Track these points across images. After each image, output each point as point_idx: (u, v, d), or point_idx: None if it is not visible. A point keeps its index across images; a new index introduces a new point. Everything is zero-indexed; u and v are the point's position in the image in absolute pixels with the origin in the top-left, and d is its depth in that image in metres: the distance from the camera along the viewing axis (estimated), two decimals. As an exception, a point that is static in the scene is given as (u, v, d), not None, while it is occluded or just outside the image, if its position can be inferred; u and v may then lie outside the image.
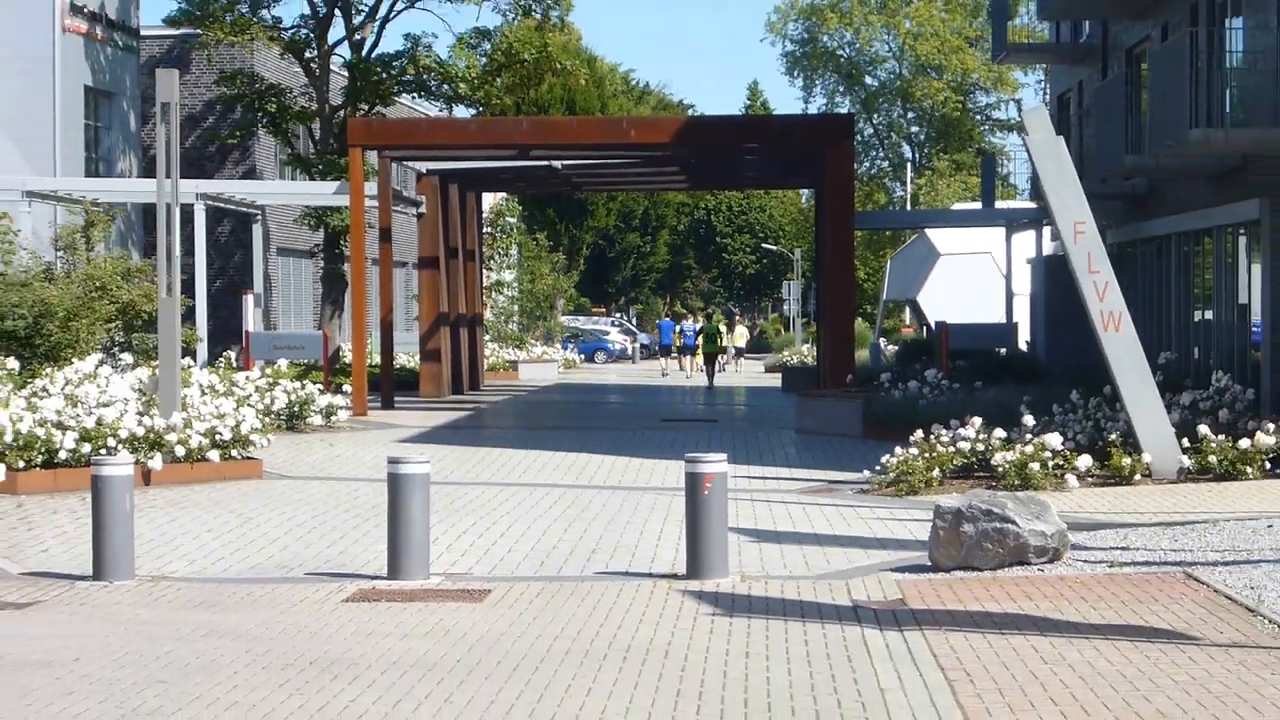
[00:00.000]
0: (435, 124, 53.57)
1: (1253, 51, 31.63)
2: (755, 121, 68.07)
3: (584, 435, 34.51)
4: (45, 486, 22.42)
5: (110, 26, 49.56)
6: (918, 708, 11.02)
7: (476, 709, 11.11)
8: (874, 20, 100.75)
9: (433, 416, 39.06)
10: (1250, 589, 14.76)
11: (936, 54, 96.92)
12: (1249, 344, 31.89)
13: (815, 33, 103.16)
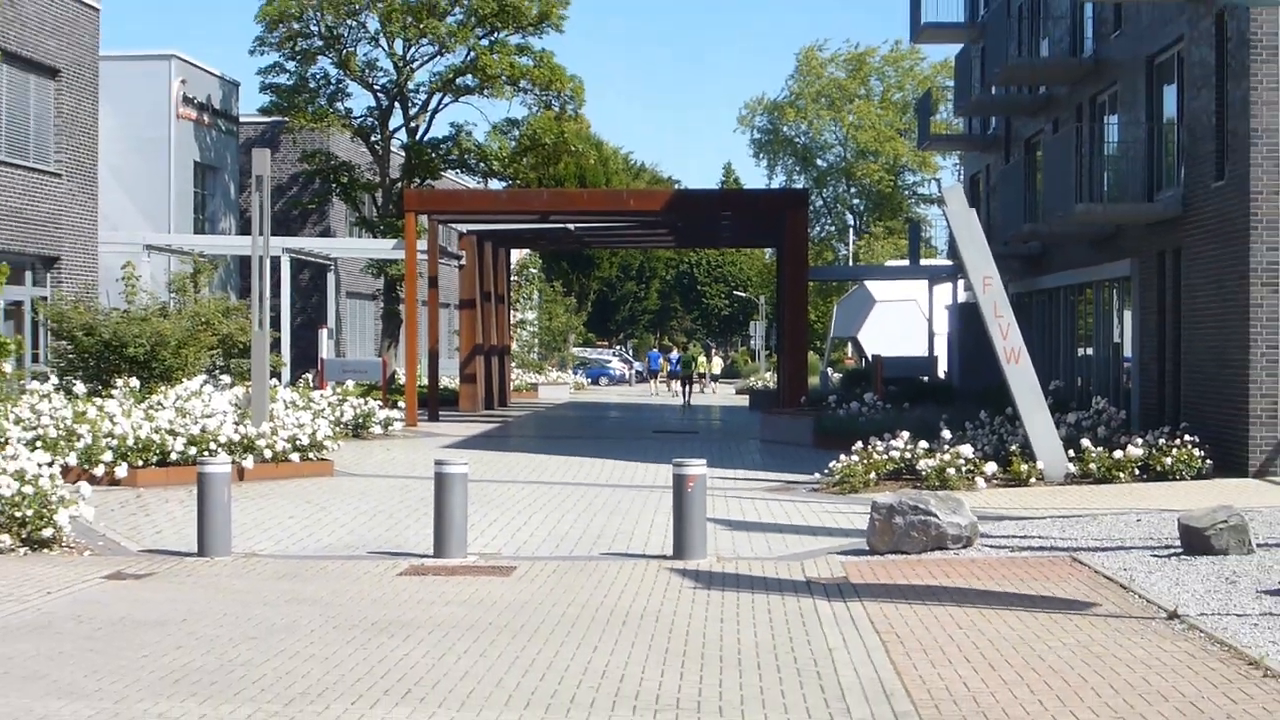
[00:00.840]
0: (474, 194, 53.68)
1: (1125, 142, 31.75)
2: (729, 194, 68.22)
3: (591, 443, 34.51)
4: (159, 481, 22.48)
5: (215, 114, 49.80)
6: (859, 663, 11.12)
7: (506, 660, 11.18)
8: (824, 115, 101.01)
9: (470, 428, 39.10)
10: (1123, 570, 14.83)
11: (873, 142, 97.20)
12: (1122, 375, 31.98)
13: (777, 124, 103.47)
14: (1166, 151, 29.45)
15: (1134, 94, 30.97)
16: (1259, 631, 11.77)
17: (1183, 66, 27.91)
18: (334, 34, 53.44)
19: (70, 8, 35.64)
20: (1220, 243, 25.23)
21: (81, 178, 36.12)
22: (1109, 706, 9.76)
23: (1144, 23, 30.00)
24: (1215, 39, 25.84)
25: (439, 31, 53.29)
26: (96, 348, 28.96)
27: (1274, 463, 23.65)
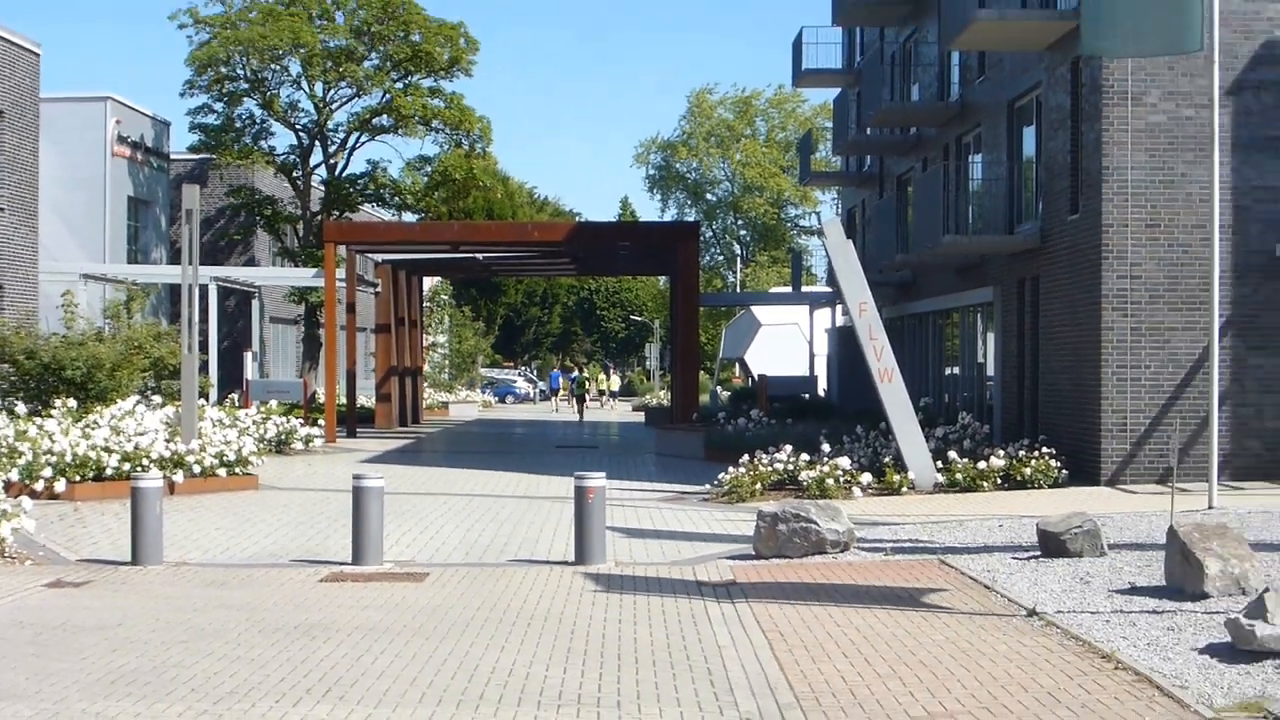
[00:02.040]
0: (389, 226, 53.48)
1: (988, 179, 32.11)
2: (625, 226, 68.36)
3: (498, 458, 34.47)
4: (95, 495, 22.23)
5: (148, 152, 49.42)
6: (745, 659, 11.18)
7: (420, 660, 11.16)
8: (713, 153, 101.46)
9: (386, 444, 38.91)
10: (987, 571, 14.96)
11: (759, 178, 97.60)
12: (985, 392, 32.30)
13: (670, 161, 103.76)
14: (1026, 188, 29.82)
15: (996, 135, 31.35)
16: (1110, 628, 11.92)
17: (1041, 110, 28.28)
18: (259, 77, 53.15)
19: (11, 52, 35.35)
20: (1074, 271, 25.56)
21: (23, 211, 35.81)
22: (974, 697, 9.87)
23: (1005, 70, 30.39)
24: (1070, 85, 26.21)
25: (357, 75, 53.16)
26: (37, 370, 28.73)
27: (1124, 472, 23.96)
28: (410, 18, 52.89)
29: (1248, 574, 12.95)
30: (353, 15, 53.14)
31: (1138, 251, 24.03)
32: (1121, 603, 12.97)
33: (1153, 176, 24.04)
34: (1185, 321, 23.90)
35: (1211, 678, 10.16)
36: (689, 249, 41.57)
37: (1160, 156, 24.03)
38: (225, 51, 51.67)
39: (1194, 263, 23.65)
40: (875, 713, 9.49)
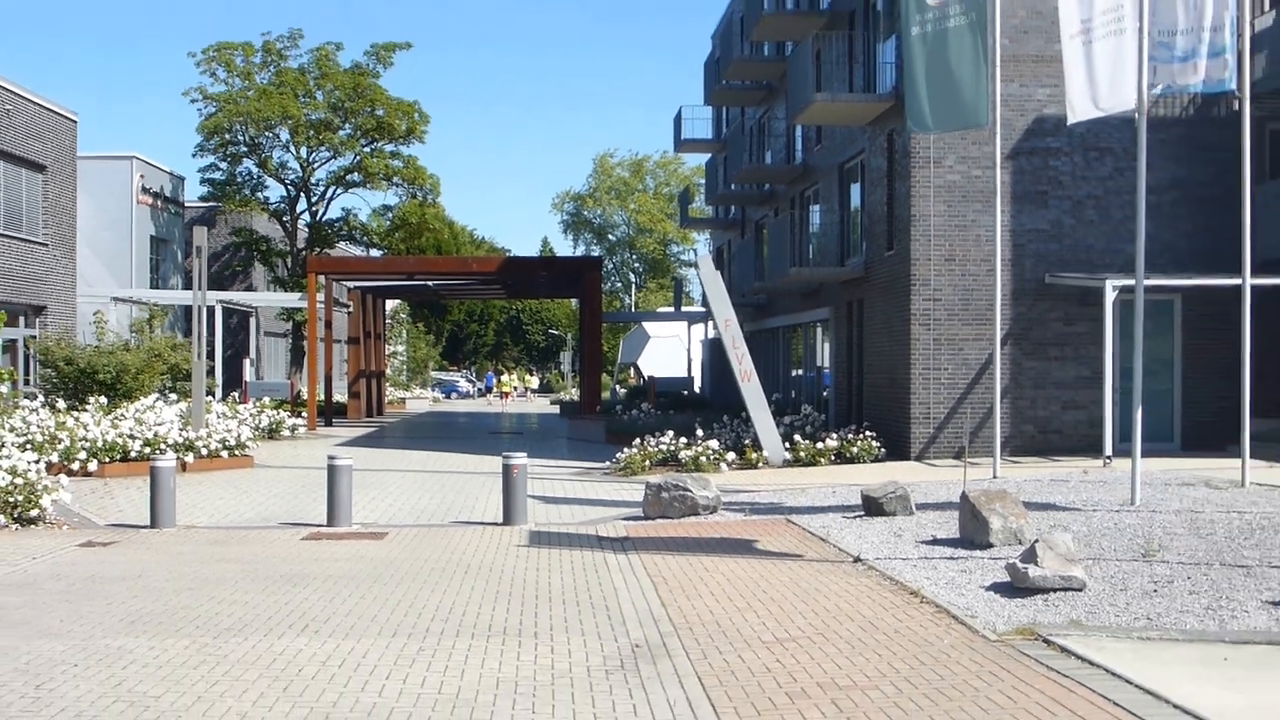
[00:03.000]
0: (359, 260, 52.90)
1: (823, 225, 32.35)
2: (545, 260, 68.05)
3: (443, 441, 34.25)
4: (121, 473, 21.86)
5: (166, 200, 48.74)
6: (635, 597, 11.16)
7: (379, 601, 11.04)
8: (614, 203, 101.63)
9: (355, 431, 38.59)
10: (823, 527, 15.03)
11: (649, 222, 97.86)
12: (822, 389, 32.52)
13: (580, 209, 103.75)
14: (852, 231, 30.08)
15: (830, 190, 31.59)
16: (917, 571, 12.03)
17: (864, 171, 28.53)
18: (255, 142, 52.66)
19: (54, 119, 34.71)
20: (890, 295, 25.80)
21: (63, 247, 35.19)
22: (812, 625, 9.91)
23: (837, 140, 30.64)
24: (886, 151, 26.46)
25: (333, 141, 52.84)
26: (74, 374, 28.27)
27: (928, 451, 24.22)
28: (375, 97, 52.67)
29: (1023, 529, 13.11)
30: (330, 94, 52.77)
31: (938, 280, 24.28)
32: (926, 551, 13.10)
33: (950, 222, 24.31)
34: (975, 334, 24.18)
35: (995, 609, 10.28)
36: (594, 278, 41.58)
37: (955, 207, 24.30)
38: (228, 122, 51.23)
39: (981, 288, 23.92)
40: (735, 638, 9.51)
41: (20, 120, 32.93)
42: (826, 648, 9.18)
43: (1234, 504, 15.65)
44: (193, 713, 7.68)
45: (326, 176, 55.14)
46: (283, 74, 52.53)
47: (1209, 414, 23.94)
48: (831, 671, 8.51)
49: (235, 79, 52.49)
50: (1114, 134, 23.95)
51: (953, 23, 18.74)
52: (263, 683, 8.37)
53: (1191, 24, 16.12)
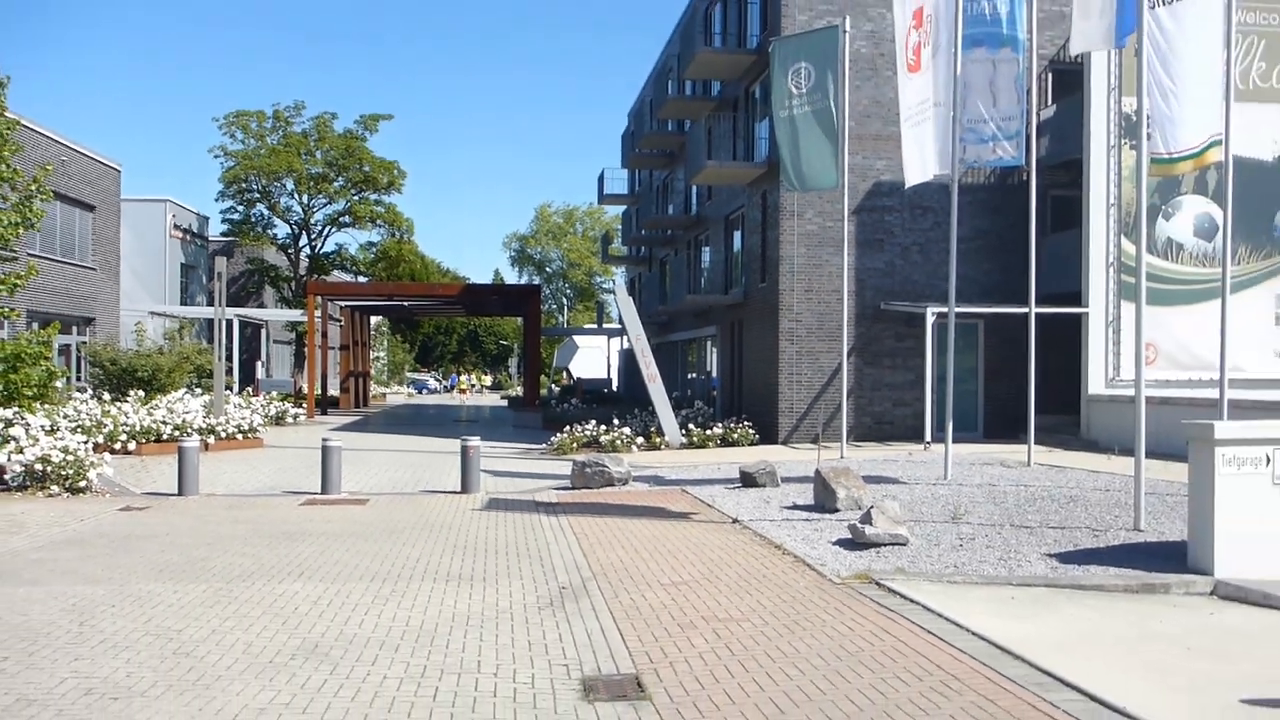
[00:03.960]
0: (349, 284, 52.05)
1: (713, 262, 32.50)
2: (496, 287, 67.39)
3: (415, 426, 33.87)
4: (155, 452, 21.32)
5: (193, 235, 47.68)
6: (564, 550, 11.09)
7: (361, 553, 10.88)
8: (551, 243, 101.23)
9: (345, 419, 37.99)
10: (709, 495, 15.07)
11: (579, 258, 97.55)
12: (712, 388, 32.62)
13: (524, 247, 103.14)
14: (735, 267, 30.23)
15: (718, 235, 31.75)
16: (781, 529, 12.10)
17: (744, 221, 28.72)
18: (266, 190, 51.83)
19: (101, 169, 33.90)
20: (763, 317, 25.98)
21: (109, 271, 34.34)
22: (700, 571, 9.94)
23: (724, 196, 30.80)
24: (761, 206, 26.65)
25: (329, 191, 52.23)
26: (117, 372, 27.64)
27: (792, 437, 24.40)
28: (363, 156, 52.11)
29: (862, 497, 13.25)
30: (327, 154, 52.10)
31: (800, 306, 24.49)
32: (788, 514, 13.17)
33: (809, 262, 24.53)
34: (828, 348, 24.42)
35: (840, 559, 10.37)
36: (534, 301, 41.39)
37: (813, 250, 24.53)
38: (245, 174, 50.48)
39: (833, 313, 24.16)
40: (640, 581, 9.51)
41: (74, 169, 32.15)
42: (710, 589, 9.21)
43: (1022, 479, 15.96)
44: (208, 643, 7.52)
45: (323, 218, 54.48)
46: (289, 137, 51.83)
47: (1004, 410, 24.39)
48: (713, 607, 8.54)
49: (251, 139, 51.71)
50: (934, 196, 24.35)
51: (812, 108, 18.96)
52: (265, 618, 8.23)
53: (992, 115, 16.43)
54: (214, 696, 6.38)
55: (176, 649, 7.37)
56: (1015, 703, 6.20)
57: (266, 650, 7.35)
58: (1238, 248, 22.69)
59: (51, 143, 30.83)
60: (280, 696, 6.39)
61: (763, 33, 26.44)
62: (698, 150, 28.70)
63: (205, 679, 6.71)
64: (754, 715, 6.03)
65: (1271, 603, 8.68)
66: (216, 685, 6.59)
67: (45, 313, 29.38)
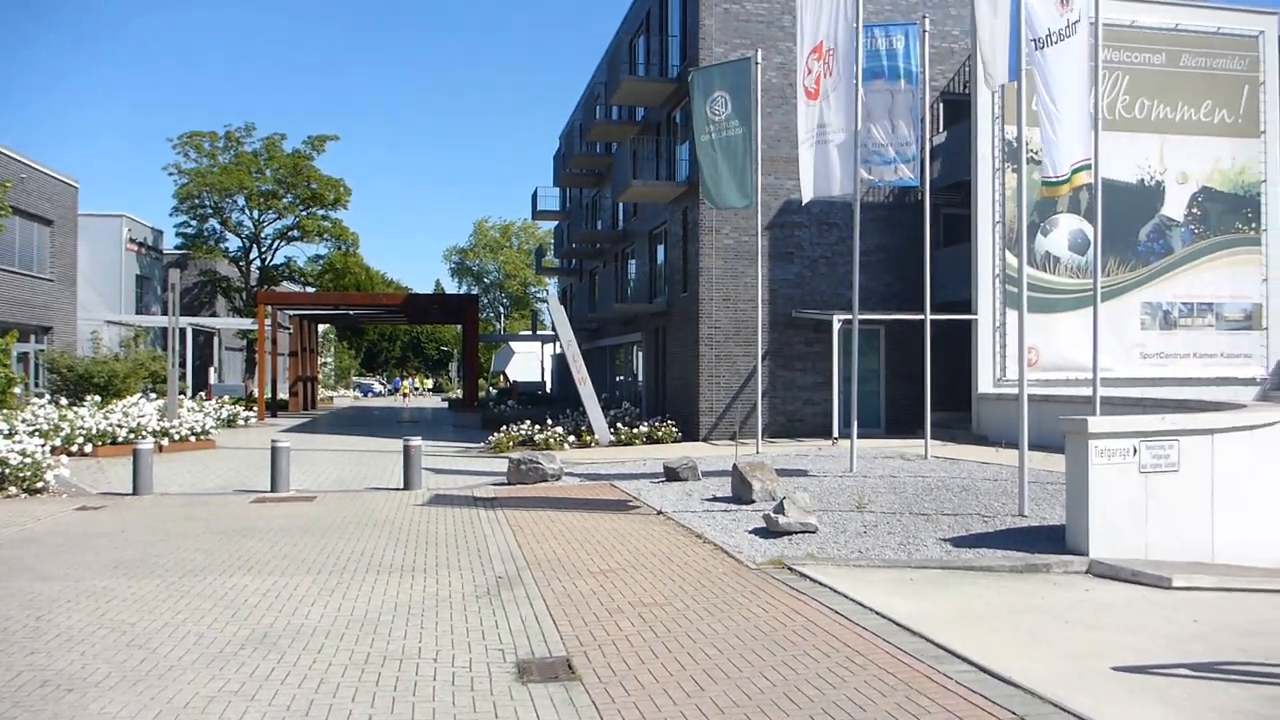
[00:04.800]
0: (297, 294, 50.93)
1: (638, 273, 32.49)
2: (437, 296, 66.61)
3: (361, 427, 33.33)
4: (111, 454, 20.63)
5: (149, 248, 46.40)
6: (500, 542, 10.98)
7: (309, 547, 10.66)
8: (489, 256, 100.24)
9: (294, 421, 37.25)
10: (636, 489, 15.03)
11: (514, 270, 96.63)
12: (638, 390, 32.58)
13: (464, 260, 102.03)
14: (659, 278, 30.25)
15: (644, 249, 31.76)
16: (702, 520, 12.12)
17: (667, 235, 28.77)
18: (219, 206, 50.65)
19: (59, 185, 32.90)
20: (685, 324, 26.04)
21: (66, 282, 33.32)
22: (627, 559, 9.91)
23: (648, 213, 30.83)
24: (682, 222, 26.72)
25: (279, 207, 51.20)
26: (74, 378, 26.77)
27: (712, 434, 24.46)
28: (310, 175, 51.22)
29: (775, 489, 13.34)
30: (276, 172, 51.07)
31: (718, 314, 24.60)
32: (708, 506, 13.20)
33: (726, 273, 24.66)
34: (744, 352, 24.57)
35: (755, 547, 10.42)
36: (472, 310, 40.99)
37: (730, 262, 24.66)
38: (198, 190, 49.32)
39: (748, 320, 24.32)
40: (571, 569, 9.46)
41: (33, 186, 31.15)
42: (637, 576, 9.19)
43: (919, 471, 16.20)
44: (161, 635, 7.31)
45: (273, 232, 53.41)
46: (240, 156, 50.79)
47: (903, 407, 24.75)
48: (640, 593, 8.52)
49: (203, 158, 50.60)
50: (839, 213, 24.63)
51: (729, 133, 19.06)
52: (217, 610, 8.02)
53: (891, 140, 16.68)
54: (166, 686, 6.20)
55: (130, 641, 7.15)
56: (913, 675, 6.28)
57: (217, 641, 7.16)
58: (1107, 261, 23.32)
59: (10, 160, 29.86)
60: (230, 684, 6.23)
61: (683, 63, 26.54)
62: (624, 170, 28.70)
63: (158, 669, 6.52)
64: (676, 692, 6.03)
65: (1139, 579, 8.92)
66: (169, 675, 6.41)
67: (4, 322, 28.43)
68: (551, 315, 25.24)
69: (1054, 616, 7.70)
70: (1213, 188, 24.11)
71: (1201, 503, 9.92)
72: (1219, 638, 7.16)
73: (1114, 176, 22.97)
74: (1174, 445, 9.82)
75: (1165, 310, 23.82)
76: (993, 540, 10.33)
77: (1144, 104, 23.67)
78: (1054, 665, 6.44)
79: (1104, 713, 5.57)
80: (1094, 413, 12.64)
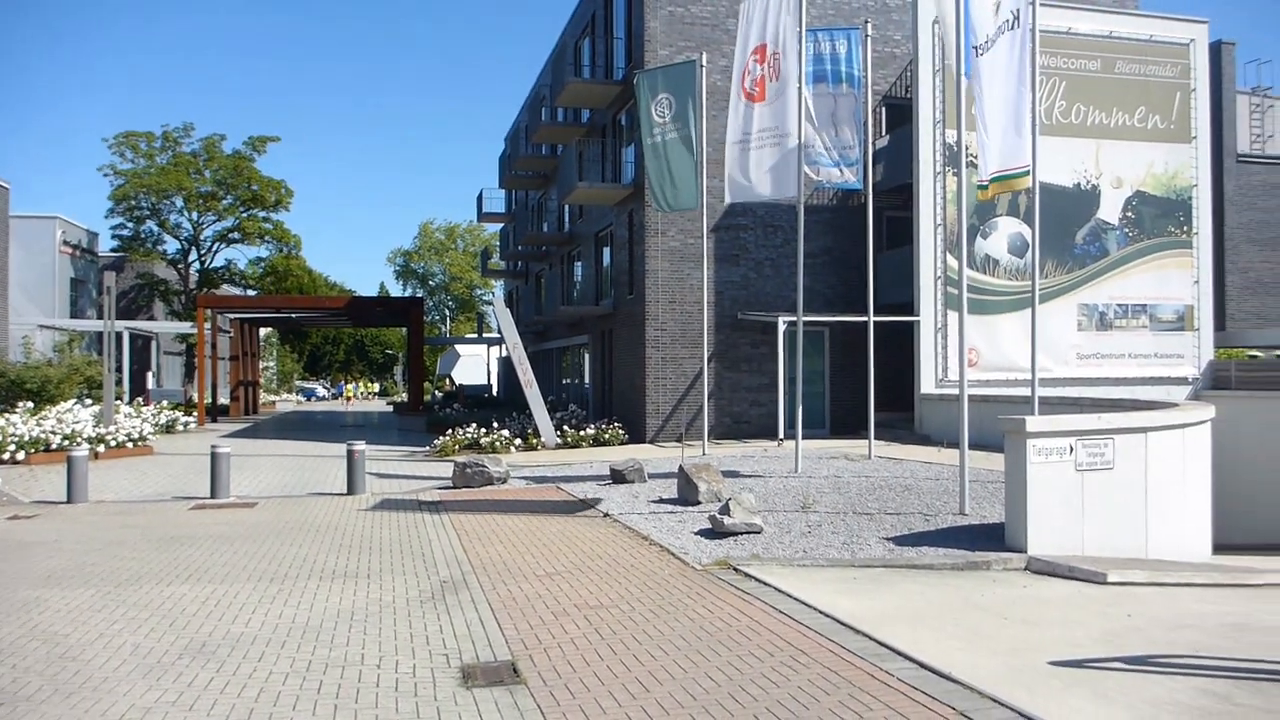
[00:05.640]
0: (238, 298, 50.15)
1: (584, 276, 32.44)
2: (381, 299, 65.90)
3: (304, 432, 32.90)
4: (45, 462, 20.15)
5: (83, 251, 45.46)
6: (445, 546, 10.91)
7: (249, 554, 10.50)
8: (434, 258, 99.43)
9: (235, 426, 36.65)
10: (583, 491, 15.01)
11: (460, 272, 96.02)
12: (585, 392, 32.53)
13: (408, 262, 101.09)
14: (605, 280, 30.25)
15: (590, 251, 31.75)
16: (648, 522, 12.14)
17: (613, 238, 28.78)
18: (156, 208, 49.55)
19: (-10, 187, 32.16)
20: (631, 326, 26.07)
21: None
22: (573, 562, 9.90)
23: (594, 216, 30.82)
24: (628, 224, 26.75)
25: (218, 209, 50.23)
26: (5, 384, 26.06)
27: (659, 436, 24.52)
28: (251, 176, 50.34)
29: (721, 490, 13.40)
30: (216, 172, 50.14)
31: (665, 316, 24.67)
32: (654, 508, 13.21)
33: (672, 276, 24.74)
34: (690, 354, 24.66)
35: (701, 548, 10.45)
36: (417, 313, 40.68)
37: (676, 265, 24.74)
38: (134, 192, 48.23)
39: (694, 322, 24.42)
40: (517, 573, 9.42)
41: (-39, 186, 30.37)
42: (583, 579, 9.19)
43: (863, 471, 16.37)
44: (95, 646, 7.16)
45: (213, 234, 52.35)
46: (178, 157, 49.80)
47: (848, 408, 25.01)
48: (586, 596, 8.52)
49: (140, 159, 49.58)
50: (784, 215, 24.83)
51: (674, 135, 19.13)
52: (153, 620, 7.87)
53: (835, 143, 16.85)
54: (100, 698, 6.07)
55: (64, 653, 6.99)
56: (856, 673, 6.35)
57: (154, 651, 7.03)
58: (1045, 263, 23.78)
59: (-64, 160, 29.08)
60: (167, 695, 6.11)
61: (628, 65, 26.58)
62: (569, 172, 28.66)
63: (92, 681, 6.38)
64: (621, 694, 6.03)
65: (1076, 575, 9.10)
66: (104, 687, 6.27)
67: (-70, 326, 27.65)
68: (498, 318, 25.12)
69: (993, 613, 7.84)
70: (1146, 192, 24.70)
71: (1136, 499, 10.16)
72: (1152, 631, 7.34)
73: (1051, 180, 23.43)
74: (1109, 444, 10.05)
75: (1101, 312, 24.34)
76: (934, 539, 10.47)
77: (1080, 109, 24.18)
78: (993, 661, 6.55)
79: (1041, 707, 5.68)
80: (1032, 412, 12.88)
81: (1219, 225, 34.99)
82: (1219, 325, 33.99)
